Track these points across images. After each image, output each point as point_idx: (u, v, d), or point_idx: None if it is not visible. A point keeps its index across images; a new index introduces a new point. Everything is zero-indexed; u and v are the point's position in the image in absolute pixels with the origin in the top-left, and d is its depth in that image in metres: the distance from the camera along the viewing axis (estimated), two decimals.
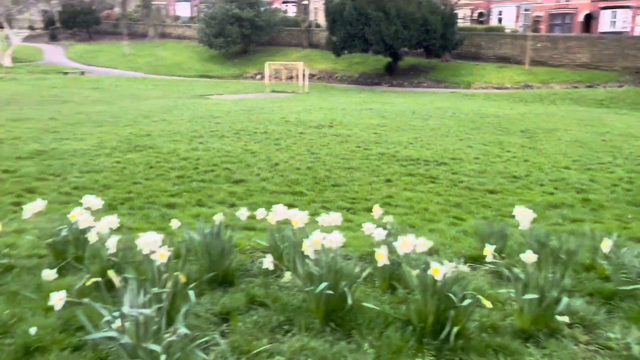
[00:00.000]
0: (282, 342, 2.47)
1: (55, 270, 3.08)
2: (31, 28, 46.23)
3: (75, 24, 51.15)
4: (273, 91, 28.67)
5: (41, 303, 2.78)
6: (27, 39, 44.93)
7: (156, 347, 1.92)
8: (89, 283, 2.40)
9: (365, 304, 2.71)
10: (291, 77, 32.31)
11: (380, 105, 20.53)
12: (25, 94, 21.63)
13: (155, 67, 41.86)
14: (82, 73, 36.52)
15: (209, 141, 11.20)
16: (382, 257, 2.51)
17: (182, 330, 2.04)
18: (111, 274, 2.06)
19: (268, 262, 2.96)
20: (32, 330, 2.38)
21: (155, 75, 38.68)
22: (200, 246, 3.36)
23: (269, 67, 31.66)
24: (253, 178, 8.31)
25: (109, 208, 6.16)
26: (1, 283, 3.28)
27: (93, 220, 3.28)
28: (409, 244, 2.56)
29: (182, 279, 2.45)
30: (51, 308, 2.50)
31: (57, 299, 2.22)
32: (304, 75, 29.28)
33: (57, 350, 2.36)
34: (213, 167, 8.84)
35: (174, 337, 2.00)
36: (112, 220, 3.15)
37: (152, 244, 2.41)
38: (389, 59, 36.16)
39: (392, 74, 36.04)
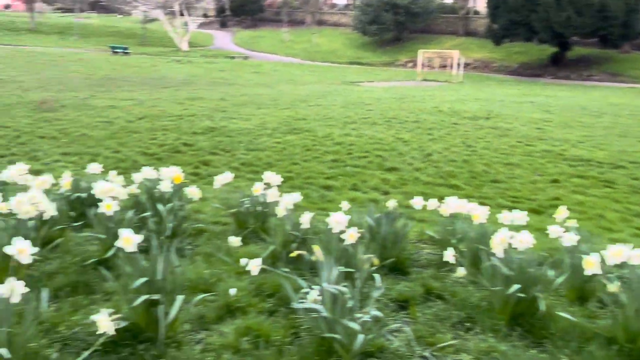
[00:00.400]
0: (466, 340, 2.38)
1: (239, 238, 3.35)
2: (205, 16, 51.05)
3: (242, 12, 55.67)
4: (425, 80, 28.08)
5: (233, 266, 3.02)
6: (201, 25, 49.81)
7: (355, 326, 1.97)
8: (293, 254, 2.56)
9: (559, 312, 2.49)
10: (444, 66, 31.30)
11: (543, 98, 18.97)
12: (198, 75, 24.00)
13: (311, 53, 43.53)
14: (246, 58, 39.43)
15: (361, 127, 11.35)
16: (592, 265, 2.27)
17: (374, 312, 2.07)
18: (316, 248, 2.16)
19: (449, 255, 2.88)
20: (232, 291, 2.60)
21: (310, 61, 40.24)
22: (371, 230, 3.39)
23: (422, 55, 31.05)
24: (406, 167, 8.25)
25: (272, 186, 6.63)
26: (196, 244, 3.67)
27: (279, 195, 3.50)
28: (621, 254, 2.27)
29: (376, 262, 2.49)
30: (243, 272, 2.71)
31: (254, 265, 2.39)
32: (458, 64, 28.19)
33: (255, 312, 2.55)
34: (366, 154, 8.95)
35: (366, 318, 2.04)
36: (295, 197, 3.33)
37: (341, 224, 2.48)
38: (555, 49, 33.12)
39: (558, 65, 32.97)
